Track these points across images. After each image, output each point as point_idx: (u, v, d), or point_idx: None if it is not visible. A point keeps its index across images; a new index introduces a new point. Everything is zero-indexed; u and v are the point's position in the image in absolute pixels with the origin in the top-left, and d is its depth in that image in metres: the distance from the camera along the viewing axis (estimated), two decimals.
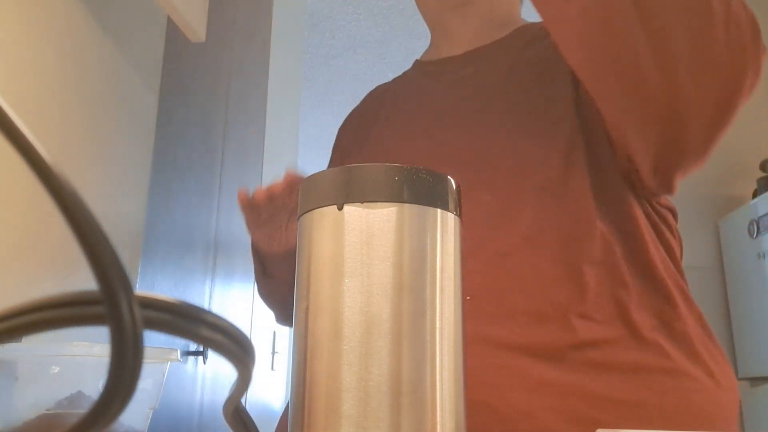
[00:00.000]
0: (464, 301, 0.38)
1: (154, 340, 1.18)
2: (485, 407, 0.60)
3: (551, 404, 0.60)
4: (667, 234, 0.73)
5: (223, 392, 2.10)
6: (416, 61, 0.96)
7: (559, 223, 0.67)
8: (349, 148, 0.91)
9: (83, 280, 1.13)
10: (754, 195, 2.65)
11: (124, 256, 1.36)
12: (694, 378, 0.64)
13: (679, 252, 0.75)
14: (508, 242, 0.68)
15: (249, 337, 0.22)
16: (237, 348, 0.20)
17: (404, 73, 0.97)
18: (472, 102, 0.79)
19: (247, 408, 0.32)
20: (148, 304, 0.18)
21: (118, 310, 0.16)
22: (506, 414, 0.60)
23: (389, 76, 1.01)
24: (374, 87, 0.99)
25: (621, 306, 0.65)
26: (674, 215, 0.76)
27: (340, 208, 0.36)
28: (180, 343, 1.72)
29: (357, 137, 0.91)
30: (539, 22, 0.88)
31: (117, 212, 1.36)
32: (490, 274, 0.66)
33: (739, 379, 2.57)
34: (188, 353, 1.82)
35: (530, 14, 0.85)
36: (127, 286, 0.16)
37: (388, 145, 0.83)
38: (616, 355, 0.63)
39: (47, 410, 0.46)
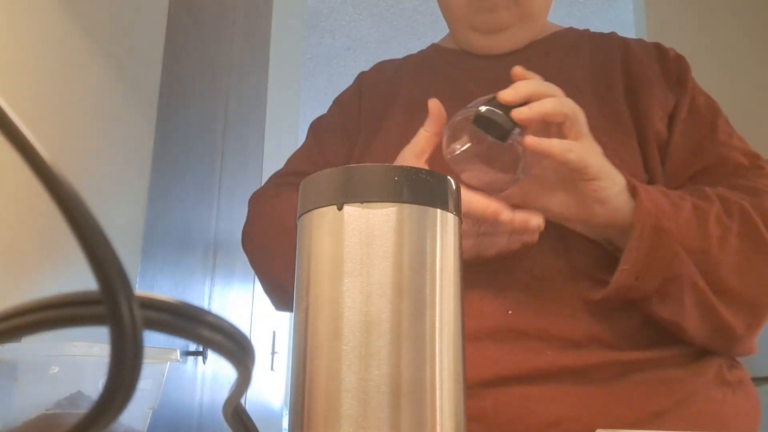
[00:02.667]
0: (464, 301, 0.38)
1: (154, 340, 1.18)
2: (512, 419, 0.60)
3: (577, 414, 0.60)
4: None
5: (223, 392, 2.10)
6: (434, 45, 0.92)
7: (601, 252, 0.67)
8: (368, 123, 0.84)
9: (83, 280, 1.13)
10: None
11: (124, 256, 1.35)
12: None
13: None
14: (552, 264, 0.67)
15: (249, 337, 0.22)
16: (237, 348, 0.20)
17: (420, 55, 0.91)
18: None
19: (247, 408, 0.32)
20: (148, 304, 0.18)
21: (117, 310, 0.16)
22: (533, 424, 0.60)
23: None
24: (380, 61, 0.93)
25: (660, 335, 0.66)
26: None
27: (340, 208, 0.35)
28: (180, 343, 1.72)
29: (377, 113, 0.84)
30: (569, 29, 0.87)
31: (117, 212, 1.36)
32: (531, 293, 0.66)
33: None
34: (188, 353, 1.82)
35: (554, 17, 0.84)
36: (127, 287, 0.16)
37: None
38: (648, 374, 0.64)
39: (47, 410, 0.46)
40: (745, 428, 0.66)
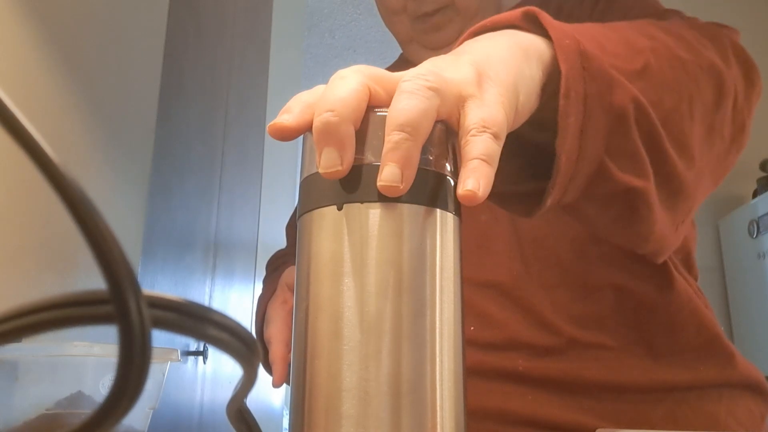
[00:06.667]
0: (464, 302, 0.38)
1: (154, 339, 1.16)
2: (481, 407, 0.60)
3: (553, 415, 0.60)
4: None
5: (223, 392, 2.10)
6: (401, 56, 0.91)
7: (560, 248, 0.66)
8: None
9: (83, 280, 1.13)
10: (754, 195, 2.65)
11: None
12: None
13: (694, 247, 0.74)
14: (504, 270, 0.66)
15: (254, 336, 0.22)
16: (243, 347, 0.20)
17: (391, 68, 0.93)
18: None
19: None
20: (155, 303, 0.18)
21: (126, 309, 0.16)
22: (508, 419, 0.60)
23: None
24: None
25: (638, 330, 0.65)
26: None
27: (340, 208, 0.36)
28: (180, 342, 1.72)
29: None
30: None
31: (117, 212, 1.36)
32: (491, 302, 0.65)
33: None
34: (188, 353, 1.82)
35: None
36: (136, 285, 0.16)
37: None
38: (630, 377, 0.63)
39: (47, 410, 0.46)
40: None
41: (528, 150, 0.49)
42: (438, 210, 0.37)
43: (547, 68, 0.44)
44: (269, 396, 2.75)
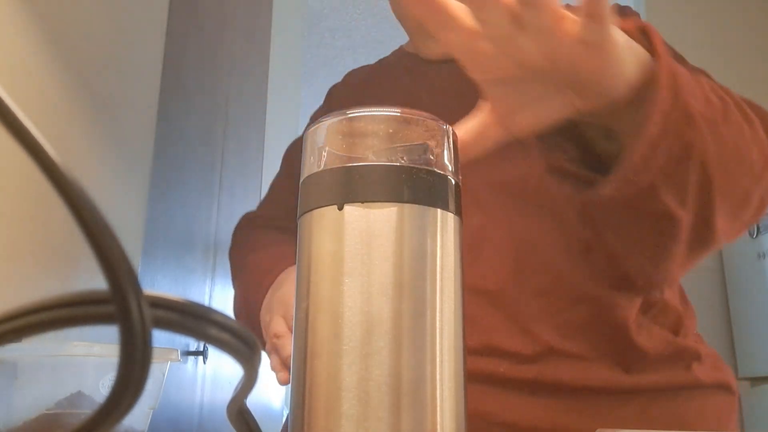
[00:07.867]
0: (464, 301, 0.38)
1: (154, 339, 1.17)
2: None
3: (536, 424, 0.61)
4: None
5: (223, 392, 2.10)
6: (401, 48, 0.93)
7: (554, 256, 0.67)
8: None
9: (83, 280, 1.13)
10: None
11: None
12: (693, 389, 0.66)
13: None
14: (494, 277, 0.66)
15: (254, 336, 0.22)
16: (244, 347, 0.20)
17: (387, 60, 0.93)
18: (454, 110, 0.75)
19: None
20: (156, 302, 0.18)
21: (127, 308, 0.16)
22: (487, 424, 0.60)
23: None
24: (356, 69, 0.95)
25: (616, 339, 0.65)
26: None
27: (340, 208, 0.36)
28: (180, 342, 1.72)
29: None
30: None
31: (117, 212, 1.36)
32: (479, 310, 0.66)
33: (739, 379, 2.57)
34: (188, 353, 1.82)
35: None
36: (137, 285, 0.16)
37: None
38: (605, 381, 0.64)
39: (47, 410, 0.46)
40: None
41: (584, 148, 0.53)
42: (438, 210, 0.37)
43: (642, 75, 0.47)
44: (269, 396, 2.75)
